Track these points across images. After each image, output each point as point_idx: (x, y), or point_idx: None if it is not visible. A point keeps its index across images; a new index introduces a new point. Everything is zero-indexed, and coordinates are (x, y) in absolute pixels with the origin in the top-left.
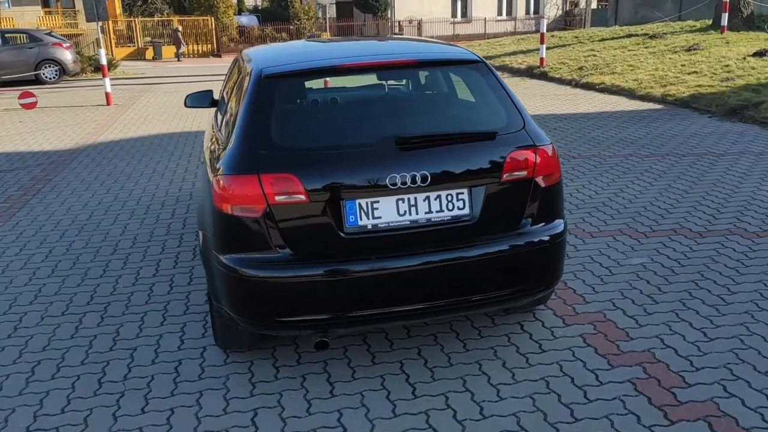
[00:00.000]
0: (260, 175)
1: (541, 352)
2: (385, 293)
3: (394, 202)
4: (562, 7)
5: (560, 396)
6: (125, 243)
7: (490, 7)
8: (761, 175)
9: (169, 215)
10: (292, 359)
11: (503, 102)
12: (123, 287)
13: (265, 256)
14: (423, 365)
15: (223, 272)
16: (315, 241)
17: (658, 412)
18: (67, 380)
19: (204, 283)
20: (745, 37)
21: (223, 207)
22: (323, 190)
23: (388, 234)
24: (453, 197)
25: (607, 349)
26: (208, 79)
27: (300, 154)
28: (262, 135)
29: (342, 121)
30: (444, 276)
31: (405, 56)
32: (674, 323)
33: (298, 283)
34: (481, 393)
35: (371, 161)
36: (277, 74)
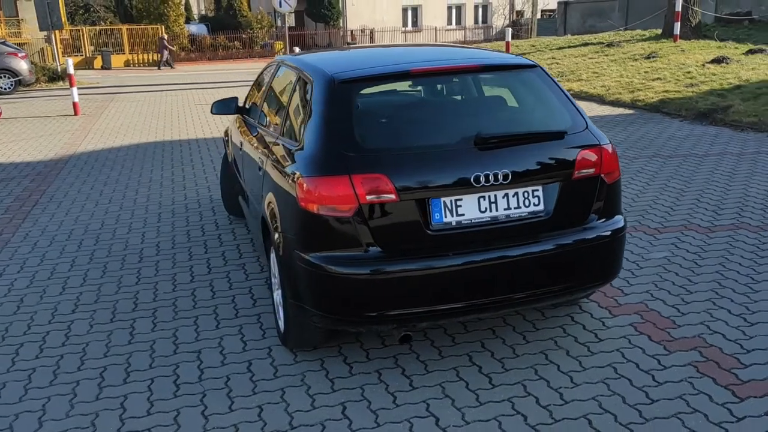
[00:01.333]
0: (351, 176)
1: (598, 341)
2: (468, 287)
3: (476, 199)
4: (509, 17)
5: (631, 380)
6: (149, 251)
7: (440, 16)
8: (746, 173)
9: (184, 222)
10: (361, 355)
11: (564, 104)
12: (164, 293)
13: (355, 253)
14: (491, 356)
15: (310, 270)
16: (403, 239)
17: (725, 391)
18: (142, 384)
19: (245, 285)
20: (696, 45)
21: (311, 207)
22: (411, 189)
23: (470, 230)
24: (529, 194)
25: (660, 336)
26: (173, 89)
27: (387, 155)
28: (345, 137)
29: (420, 123)
30: (522, 269)
31: (469, 61)
32: (714, 310)
33: (387, 279)
34: (556, 380)
35: (454, 161)
36: (350, 79)
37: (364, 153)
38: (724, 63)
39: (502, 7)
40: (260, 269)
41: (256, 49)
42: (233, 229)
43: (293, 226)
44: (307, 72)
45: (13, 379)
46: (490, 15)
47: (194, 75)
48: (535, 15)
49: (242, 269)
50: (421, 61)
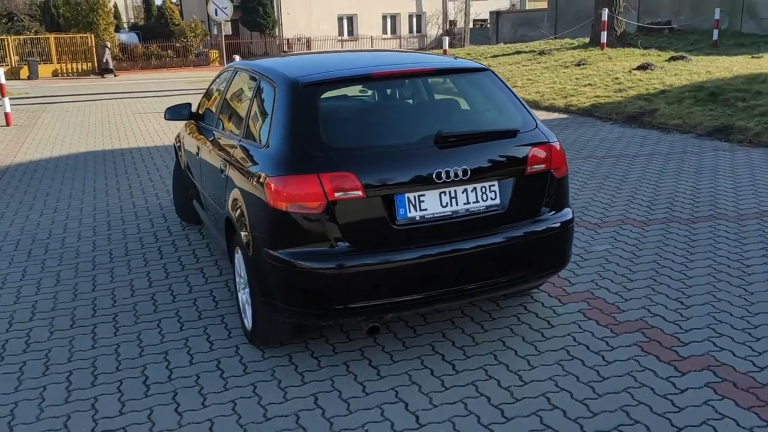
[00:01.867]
0: (320, 174)
1: (550, 327)
2: (432, 278)
3: (437, 195)
4: (442, 26)
5: (583, 361)
6: (102, 258)
7: (375, 26)
8: (674, 172)
9: (135, 230)
10: (328, 350)
11: (514, 104)
12: (123, 298)
13: (323, 248)
14: (452, 345)
15: (279, 266)
16: (370, 234)
17: (668, 366)
18: (111, 385)
19: (205, 288)
20: (622, 53)
21: (279, 205)
22: (377, 186)
23: (433, 224)
24: (486, 189)
25: (607, 321)
26: (107, 98)
27: (353, 154)
28: (311, 138)
29: (382, 124)
30: (482, 260)
31: (426, 65)
32: (653, 295)
33: (355, 272)
34: (515, 364)
35: (416, 158)
36: (313, 82)
37: (331, 152)
38: (649, 69)
39: (436, 17)
40: (219, 272)
41: (191, 57)
42: (187, 234)
43: (262, 224)
44: (269, 76)
45: None
46: (424, 24)
47: (128, 84)
48: (467, 24)
49: (200, 273)
50: (380, 65)
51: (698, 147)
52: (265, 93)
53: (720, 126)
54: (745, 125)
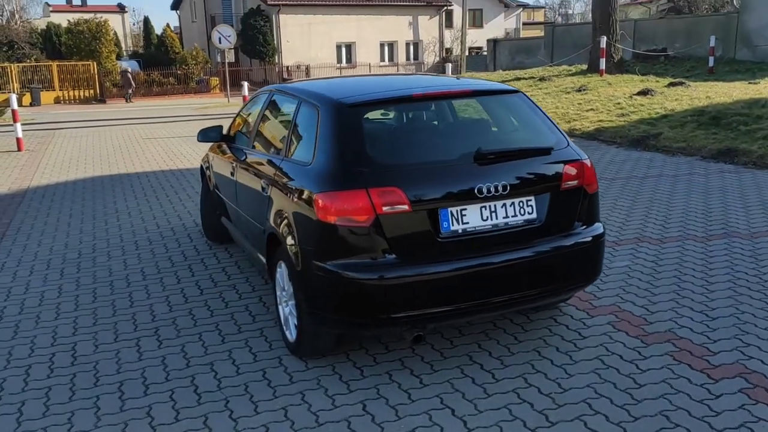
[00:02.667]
0: (368, 189)
1: (582, 338)
2: (475, 288)
3: (478, 209)
4: (439, 54)
5: (618, 369)
6: (135, 276)
7: (373, 53)
8: (684, 192)
9: (163, 249)
10: (369, 360)
11: (546, 124)
12: (162, 313)
13: (371, 260)
14: (489, 356)
15: (329, 278)
16: (415, 245)
17: (701, 374)
18: (162, 394)
19: (240, 303)
20: (621, 79)
21: (328, 219)
22: (422, 200)
23: (474, 237)
24: (524, 204)
25: (636, 332)
26: (114, 124)
27: (399, 170)
28: (358, 155)
29: (424, 142)
30: (520, 271)
31: (461, 87)
32: (678, 308)
33: (403, 283)
34: (552, 372)
35: (458, 174)
36: (357, 103)
37: (378, 169)
38: (650, 95)
39: (433, 45)
40: (252, 288)
41: (191, 85)
42: (214, 254)
43: (310, 238)
44: (310, 98)
45: (32, 397)
46: (421, 52)
47: (133, 111)
48: (464, 52)
49: (233, 289)
50: (415, 87)
51: (705, 169)
52: (307, 114)
53: (724, 149)
54: (749, 148)
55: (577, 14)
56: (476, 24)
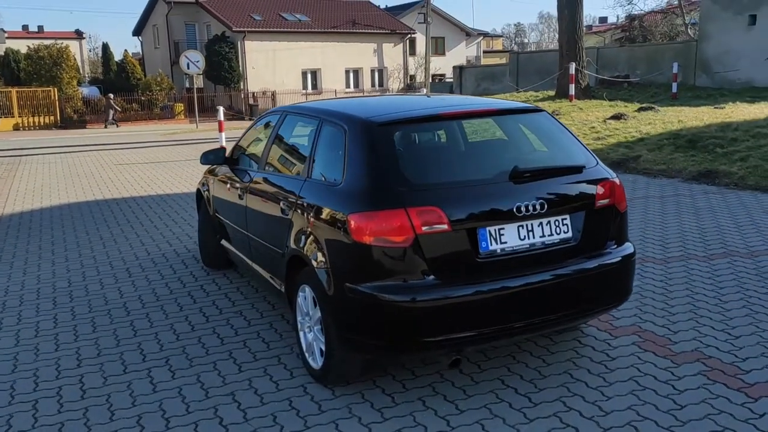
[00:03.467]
0: (407, 209)
1: (611, 359)
2: (515, 309)
3: (516, 228)
4: (403, 81)
5: (656, 390)
6: (133, 305)
7: (339, 80)
8: (674, 213)
9: (158, 276)
10: (398, 386)
11: (572, 142)
12: (169, 342)
13: (410, 281)
14: (521, 379)
15: (365, 301)
16: (454, 266)
17: (739, 393)
18: (186, 428)
19: (250, 330)
20: (591, 104)
21: (364, 239)
22: (462, 220)
23: (512, 257)
24: (559, 222)
25: (664, 352)
26: (80, 150)
27: (437, 189)
28: (394, 174)
29: (458, 160)
30: (558, 291)
31: (488, 106)
32: (700, 327)
33: (444, 304)
34: (590, 395)
35: (495, 193)
36: (387, 122)
37: (416, 188)
38: (623, 119)
39: (397, 71)
40: (260, 315)
41: (156, 111)
42: (213, 280)
43: (343, 260)
44: (335, 119)
45: None
46: (386, 78)
47: (99, 137)
48: (427, 78)
49: (240, 316)
50: (440, 107)
51: (688, 190)
52: (331, 134)
53: (704, 170)
54: (729, 170)
55: (532, 43)
56: (439, 51)
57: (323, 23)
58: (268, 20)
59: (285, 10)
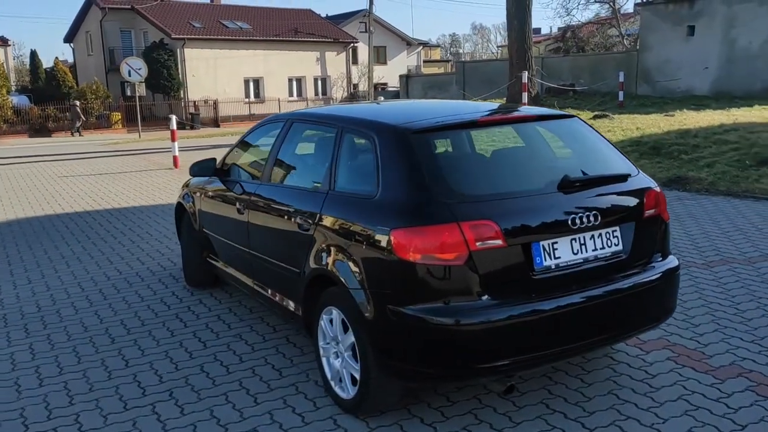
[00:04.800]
0: (460, 223)
1: (652, 377)
2: (572, 328)
3: (568, 242)
4: (347, 89)
5: (710, 410)
6: (117, 330)
7: (282, 88)
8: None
9: (136, 297)
10: (436, 415)
11: (610, 149)
12: (168, 373)
13: (466, 303)
14: (565, 402)
15: (410, 325)
16: (509, 285)
17: None
18: None
19: (256, 356)
20: None
21: (410, 257)
22: (516, 234)
23: (565, 273)
24: (610, 235)
25: (703, 367)
26: (15, 162)
27: (489, 201)
28: (440, 186)
29: (502, 170)
30: (613, 308)
31: (523, 112)
32: (728, 339)
33: (503, 327)
34: (644, 417)
35: (547, 204)
36: (422, 129)
37: (467, 199)
38: None
39: (340, 80)
40: (262, 339)
41: (92, 120)
42: (200, 300)
43: (385, 279)
44: (359, 126)
45: None
46: (329, 87)
47: (37, 147)
48: (371, 87)
49: (240, 340)
50: (484, 112)
51: None
52: (356, 143)
53: (674, 177)
54: (698, 176)
55: (467, 53)
56: (380, 60)
57: (265, 31)
58: (209, 27)
59: (225, 18)
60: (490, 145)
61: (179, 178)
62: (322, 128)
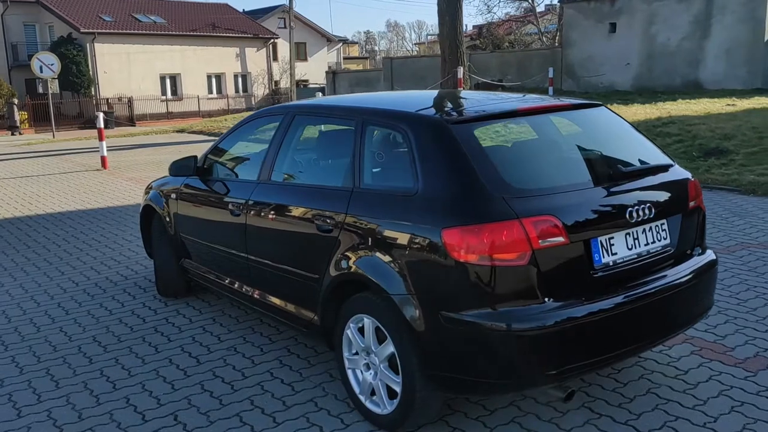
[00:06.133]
0: (522, 219)
1: (684, 372)
2: (632, 327)
3: (623, 237)
4: (268, 86)
5: (755, 404)
6: (91, 349)
7: (201, 85)
8: None
9: (104, 312)
10: (477, 428)
11: (643, 138)
12: (165, 394)
13: (530, 306)
14: (607, 404)
15: (468, 332)
16: (570, 284)
17: None
18: None
19: (258, 369)
20: None
21: (467, 258)
22: (577, 229)
23: (623, 269)
24: (659, 227)
25: (730, 360)
26: None
27: (548, 195)
28: (493, 179)
29: (553, 161)
30: (667, 305)
31: (558, 101)
32: (742, 329)
33: (571, 330)
34: (694, 417)
35: (602, 197)
36: (463, 120)
37: (525, 194)
38: None
39: (262, 77)
40: (260, 350)
41: None
42: (177, 310)
43: (436, 283)
44: (386, 118)
45: None
46: (250, 84)
47: None
48: (293, 84)
49: (236, 353)
50: (524, 102)
51: None
52: (383, 136)
53: None
54: None
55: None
56: (301, 57)
57: (181, 26)
58: (120, 22)
59: (138, 11)
60: (520, 136)
61: (111, 181)
62: (336, 121)
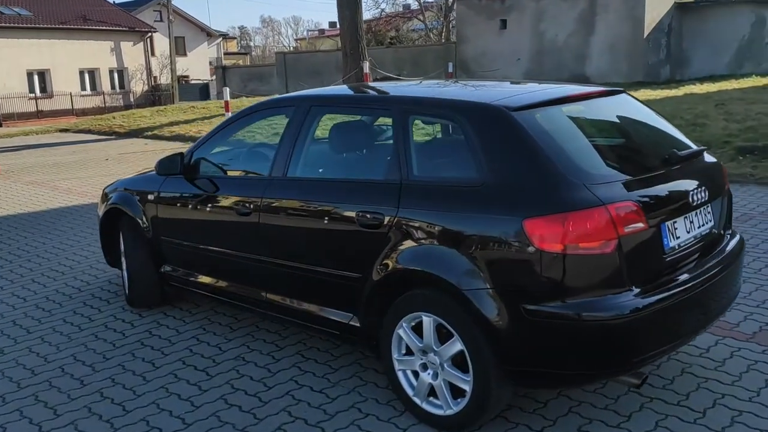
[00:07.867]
0: (607, 206)
1: (706, 350)
2: (699, 309)
3: (683, 221)
4: (147, 82)
5: None
6: (75, 368)
7: (73, 82)
8: None
9: (69, 327)
10: (540, 422)
11: (668, 124)
12: (186, 412)
13: (617, 294)
14: (652, 387)
15: (556, 324)
16: (645, 269)
17: None
18: None
19: (276, 379)
20: None
21: (552, 248)
22: (653, 215)
23: (684, 253)
24: (705, 210)
25: (739, 335)
26: None
27: (624, 181)
28: (571, 165)
29: (617, 147)
30: (722, 286)
31: (595, 88)
32: (736, 305)
33: (655, 315)
34: (734, 403)
35: (667, 181)
36: (524, 106)
37: (603, 180)
38: None
39: (140, 73)
40: (273, 359)
41: None
42: (157, 321)
43: (519, 276)
44: (436, 107)
45: None
46: (127, 80)
47: None
48: (174, 80)
49: (245, 362)
50: (572, 87)
51: None
52: (430, 126)
53: None
54: None
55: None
56: (180, 52)
57: (49, 19)
58: None
59: (0, 4)
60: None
61: (9, 186)
62: (369, 112)
